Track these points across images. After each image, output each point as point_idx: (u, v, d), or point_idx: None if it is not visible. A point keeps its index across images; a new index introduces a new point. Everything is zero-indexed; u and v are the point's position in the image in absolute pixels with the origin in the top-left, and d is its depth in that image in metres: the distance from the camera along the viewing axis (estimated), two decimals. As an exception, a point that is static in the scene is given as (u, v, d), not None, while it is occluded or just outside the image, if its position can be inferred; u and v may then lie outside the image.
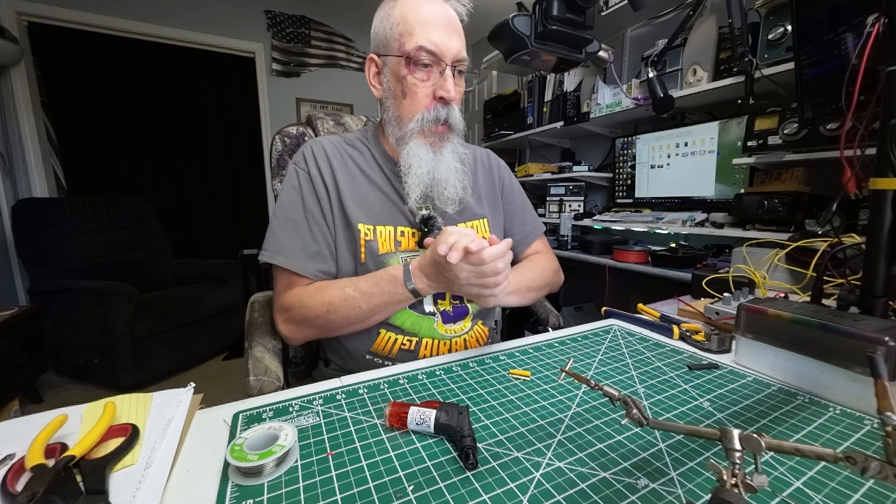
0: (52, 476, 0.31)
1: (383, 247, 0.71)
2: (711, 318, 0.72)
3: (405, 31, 0.67)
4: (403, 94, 0.69)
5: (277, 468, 0.35)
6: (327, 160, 0.73)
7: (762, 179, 1.33)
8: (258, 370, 0.68)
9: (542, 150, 2.68)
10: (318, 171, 0.72)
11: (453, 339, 0.74)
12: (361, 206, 0.71)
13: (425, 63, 0.67)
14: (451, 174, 0.71)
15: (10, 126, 2.51)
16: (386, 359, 0.72)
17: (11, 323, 1.65)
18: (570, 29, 0.60)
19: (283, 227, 0.70)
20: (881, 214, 0.55)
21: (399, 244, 0.72)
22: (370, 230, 0.70)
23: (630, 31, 2.06)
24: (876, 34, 0.57)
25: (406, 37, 0.66)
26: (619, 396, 0.35)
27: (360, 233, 0.70)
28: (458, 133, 0.74)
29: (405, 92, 0.69)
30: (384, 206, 0.73)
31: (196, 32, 2.92)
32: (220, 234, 3.51)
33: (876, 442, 0.39)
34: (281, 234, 0.69)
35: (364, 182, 0.74)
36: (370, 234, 0.70)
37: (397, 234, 0.72)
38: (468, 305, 0.77)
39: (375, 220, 0.71)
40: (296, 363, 0.92)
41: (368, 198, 0.73)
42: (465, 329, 0.76)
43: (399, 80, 0.69)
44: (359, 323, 0.67)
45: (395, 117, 0.71)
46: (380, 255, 0.70)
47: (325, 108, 3.42)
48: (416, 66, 0.67)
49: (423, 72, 0.68)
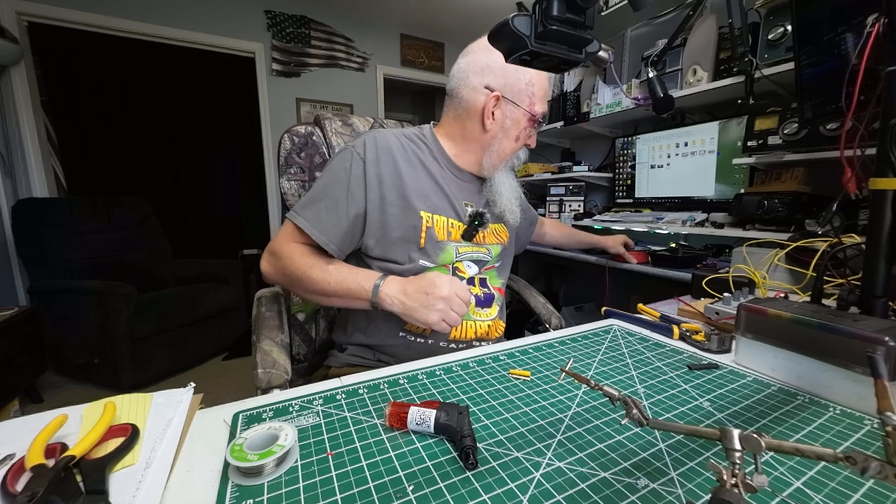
0: (52, 476, 0.31)
1: (440, 234, 0.78)
2: (711, 318, 0.72)
3: (534, 95, 0.79)
4: (516, 139, 0.82)
5: (277, 468, 0.35)
6: (390, 153, 0.78)
7: (762, 179, 1.33)
8: (266, 363, 0.69)
9: (542, 150, 2.68)
10: (377, 162, 0.76)
11: (479, 323, 0.81)
12: (422, 195, 0.78)
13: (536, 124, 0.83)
14: (514, 195, 0.86)
15: (10, 126, 2.51)
16: (419, 336, 0.78)
17: (11, 323, 1.64)
18: (570, 29, 0.60)
19: (317, 197, 0.76)
20: (881, 214, 0.55)
21: (450, 234, 0.80)
22: (430, 218, 0.77)
23: (630, 31, 2.06)
24: (876, 34, 0.57)
25: (535, 100, 0.80)
26: (619, 396, 0.35)
27: (423, 220, 0.77)
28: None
29: (518, 137, 0.82)
30: (440, 198, 0.80)
31: (196, 32, 2.91)
32: (220, 234, 3.51)
33: (876, 442, 0.39)
34: (315, 205, 0.75)
35: (424, 173, 0.81)
36: (430, 222, 0.77)
37: (448, 225, 0.80)
38: (494, 292, 0.85)
39: (434, 210, 0.78)
40: (298, 360, 0.92)
41: (428, 189, 0.80)
42: (492, 316, 0.83)
43: (517, 126, 0.81)
44: (319, 296, 0.73)
45: (497, 149, 0.82)
46: (438, 242, 0.78)
47: (325, 108, 3.42)
48: (533, 124, 0.82)
49: (533, 129, 0.83)
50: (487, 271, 0.85)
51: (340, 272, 0.71)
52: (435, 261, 0.78)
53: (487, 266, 0.85)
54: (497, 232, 0.88)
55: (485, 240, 0.84)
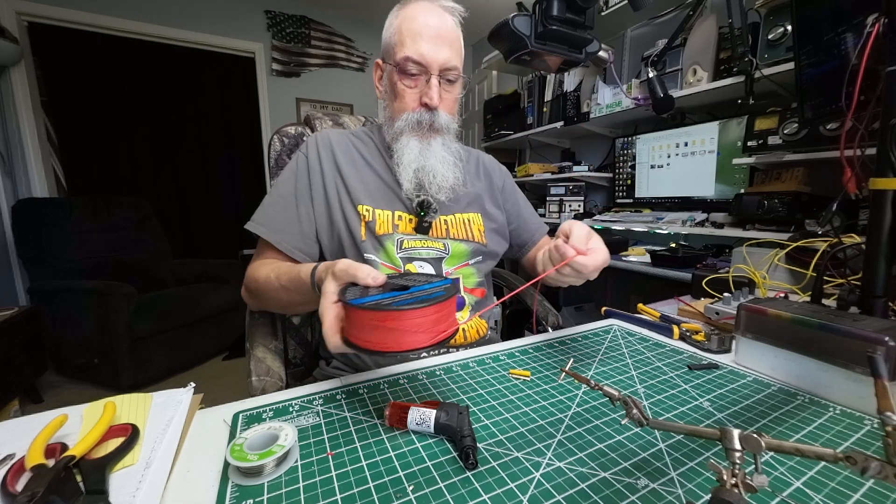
0: (52, 476, 0.31)
1: (381, 228, 0.75)
2: (711, 318, 0.72)
3: (399, 42, 0.72)
4: (395, 97, 0.75)
5: (277, 468, 0.35)
6: (330, 148, 0.78)
7: (762, 179, 1.33)
8: (260, 371, 0.68)
9: (542, 150, 2.68)
10: (318, 158, 0.77)
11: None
12: (362, 189, 0.76)
13: (412, 72, 0.72)
14: (439, 164, 0.76)
15: (10, 126, 2.51)
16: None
17: (11, 323, 1.64)
18: (569, 29, 0.60)
19: (272, 202, 0.75)
20: (881, 214, 0.55)
21: (397, 227, 0.76)
22: (369, 211, 0.75)
23: (630, 31, 2.07)
24: (876, 34, 0.57)
25: (398, 47, 0.72)
26: (619, 396, 0.35)
27: (361, 213, 0.74)
28: (446, 133, 0.78)
29: (396, 95, 0.75)
30: (383, 192, 0.78)
31: (196, 32, 2.92)
32: (220, 234, 3.51)
33: (876, 442, 0.39)
34: (269, 209, 0.75)
35: (365, 168, 0.79)
36: (369, 216, 0.74)
37: (395, 218, 0.76)
38: (464, 296, 0.79)
39: (375, 204, 0.76)
40: (295, 364, 0.92)
41: (369, 183, 0.77)
42: (462, 319, 0.78)
43: (392, 84, 0.75)
44: (287, 308, 0.70)
45: (388, 116, 0.78)
46: (378, 236, 0.74)
47: (325, 108, 3.42)
48: (403, 74, 0.72)
49: (411, 79, 0.73)
50: (461, 270, 0.78)
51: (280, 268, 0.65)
52: (381, 258, 0.74)
53: (460, 265, 0.78)
54: (467, 224, 0.80)
55: (448, 234, 0.78)
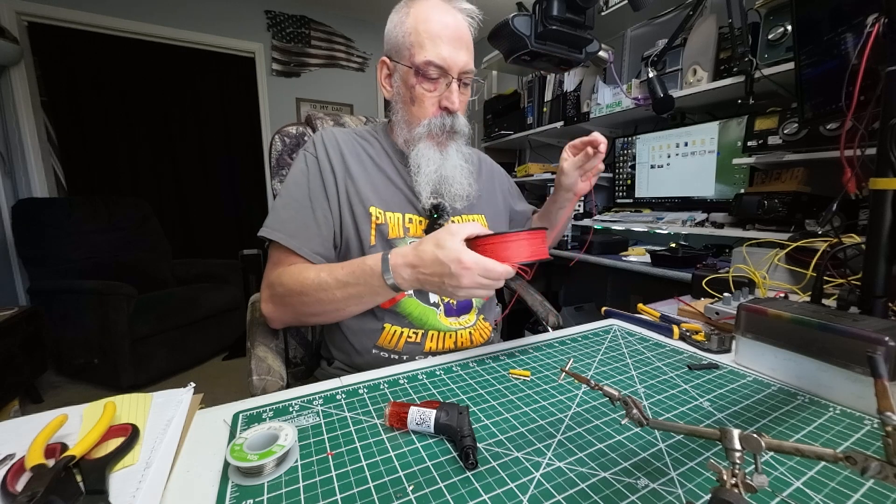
0: (52, 476, 0.31)
1: (393, 231, 0.73)
2: (711, 318, 0.72)
3: (416, 43, 0.68)
4: (412, 101, 0.72)
5: (277, 468, 0.35)
6: (338, 147, 0.75)
7: (762, 179, 1.33)
8: (261, 370, 0.68)
9: (542, 150, 2.68)
10: (328, 157, 0.73)
11: (458, 332, 0.75)
12: (372, 191, 0.74)
13: (433, 76, 0.69)
14: (457, 171, 0.74)
15: (10, 126, 2.51)
16: (392, 352, 0.73)
17: (11, 323, 1.64)
18: (569, 29, 0.60)
19: (286, 205, 0.71)
20: (881, 214, 0.55)
21: (408, 230, 0.74)
22: (381, 214, 0.73)
23: (630, 31, 2.06)
24: (876, 34, 0.57)
25: (417, 48, 0.68)
26: (619, 396, 0.35)
27: (372, 216, 0.72)
28: (462, 136, 0.77)
29: (413, 99, 0.71)
30: (393, 194, 0.75)
31: (196, 32, 2.92)
32: (220, 234, 3.51)
33: (876, 442, 0.39)
34: (283, 213, 0.71)
35: (374, 170, 0.76)
36: (381, 218, 0.72)
37: (405, 221, 0.74)
38: (472, 299, 0.78)
39: (385, 206, 0.74)
40: (295, 363, 0.92)
41: (378, 185, 0.75)
42: (470, 322, 0.78)
43: (408, 87, 0.71)
44: (334, 311, 0.65)
45: (404, 120, 0.74)
46: (390, 239, 0.72)
47: (325, 108, 3.42)
48: (424, 77, 0.69)
49: (431, 83, 0.70)
50: None
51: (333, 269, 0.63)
52: None
53: None
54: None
55: None
